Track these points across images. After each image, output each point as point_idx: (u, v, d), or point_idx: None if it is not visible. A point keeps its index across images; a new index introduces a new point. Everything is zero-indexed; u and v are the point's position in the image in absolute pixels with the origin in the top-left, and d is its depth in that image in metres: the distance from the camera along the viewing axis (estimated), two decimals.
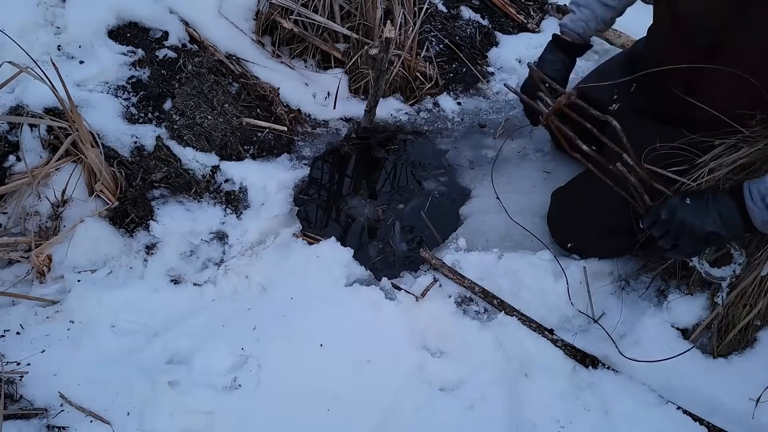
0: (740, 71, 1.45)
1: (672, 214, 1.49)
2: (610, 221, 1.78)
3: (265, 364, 1.56)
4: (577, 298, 1.81)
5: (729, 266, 1.57)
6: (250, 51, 2.35)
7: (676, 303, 1.70)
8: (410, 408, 1.54)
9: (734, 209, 1.42)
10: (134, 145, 1.91)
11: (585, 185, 1.91)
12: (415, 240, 2.08)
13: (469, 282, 1.83)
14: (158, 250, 1.80)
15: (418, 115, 2.47)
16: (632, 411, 1.56)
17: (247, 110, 2.23)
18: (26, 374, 1.45)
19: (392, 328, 1.69)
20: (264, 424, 1.47)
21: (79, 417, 1.41)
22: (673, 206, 1.50)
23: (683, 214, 1.48)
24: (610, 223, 1.79)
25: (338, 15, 2.37)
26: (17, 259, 1.69)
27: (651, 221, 1.55)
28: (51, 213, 1.75)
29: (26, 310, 1.62)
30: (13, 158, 1.74)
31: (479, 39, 2.74)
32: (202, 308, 1.72)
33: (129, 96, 2.00)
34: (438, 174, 2.30)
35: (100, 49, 2.02)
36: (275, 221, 1.98)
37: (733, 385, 1.58)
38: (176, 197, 1.91)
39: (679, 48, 1.61)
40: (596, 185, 1.71)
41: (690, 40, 1.57)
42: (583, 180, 1.95)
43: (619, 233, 1.78)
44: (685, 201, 1.49)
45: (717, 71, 1.51)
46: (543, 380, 1.63)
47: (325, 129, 2.35)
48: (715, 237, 1.46)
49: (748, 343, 1.64)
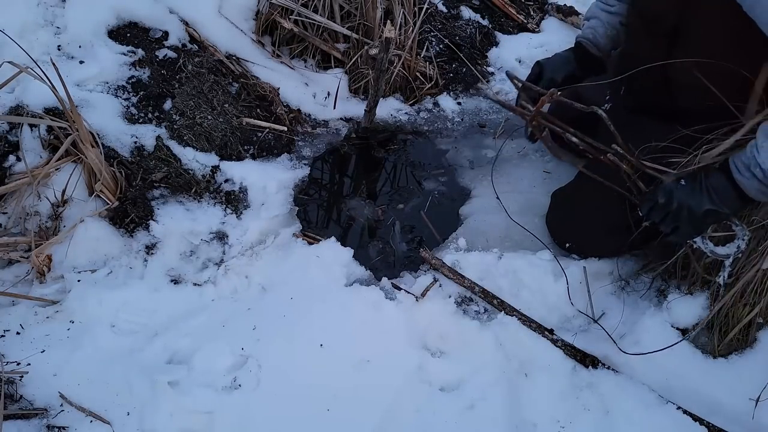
0: (702, 55, 1.48)
1: (668, 196, 1.50)
2: (607, 221, 1.79)
3: (265, 364, 1.56)
4: (577, 298, 1.81)
5: (733, 243, 1.55)
6: (250, 51, 2.35)
7: (676, 303, 1.70)
8: (410, 408, 1.54)
9: (726, 184, 1.45)
10: (134, 145, 1.91)
11: (581, 186, 1.92)
12: (415, 240, 2.08)
13: (469, 282, 1.83)
14: (158, 250, 1.80)
15: (418, 115, 2.47)
16: (632, 411, 1.56)
17: (247, 110, 2.23)
18: (26, 374, 1.45)
19: (392, 328, 1.69)
20: (264, 424, 1.46)
21: (79, 417, 1.41)
22: (668, 189, 1.51)
23: (679, 196, 1.49)
24: (607, 223, 1.79)
25: (338, 15, 2.37)
26: (17, 259, 1.69)
27: (648, 207, 1.55)
28: (51, 213, 1.75)
29: (26, 310, 1.62)
30: (13, 158, 1.74)
31: (479, 39, 2.74)
32: (202, 308, 1.72)
33: (129, 96, 2.00)
34: (438, 174, 2.30)
35: (100, 49, 2.02)
36: (275, 221, 1.98)
37: (733, 385, 1.58)
38: (176, 197, 1.91)
39: (644, 39, 1.66)
40: (592, 185, 1.72)
41: (651, 29, 1.62)
42: (579, 180, 1.95)
43: (617, 233, 1.78)
44: (680, 183, 1.50)
45: (682, 57, 1.53)
46: (543, 380, 1.63)
47: (325, 129, 2.35)
48: (714, 214, 1.48)
49: (748, 343, 1.64)
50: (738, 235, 1.55)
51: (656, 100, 1.71)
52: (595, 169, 1.74)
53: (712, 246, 1.57)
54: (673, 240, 1.59)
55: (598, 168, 1.70)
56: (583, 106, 1.55)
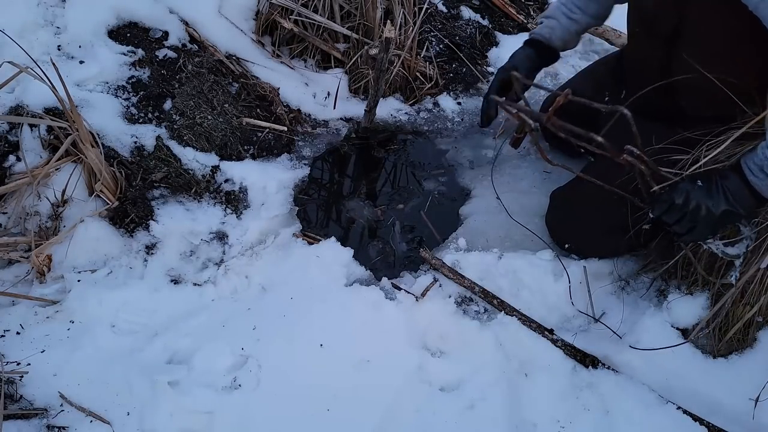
0: (703, 56, 1.48)
1: (686, 198, 1.49)
2: (606, 222, 1.78)
3: (265, 364, 1.56)
4: (577, 298, 1.81)
5: (741, 243, 1.56)
6: (250, 51, 2.35)
7: (676, 303, 1.70)
8: (410, 408, 1.54)
9: (740, 185, 1.46)
10: (134, 145, 1.91)
11: (580, 186, 1.92)
12: (414, 240, 2.08)
13: (469, 282, 1.83)
14: (158, 250, 1.80)
15: (418, 115, 2.47)
16: (632, 411, 1.56)
17: (247, 110, 2.22)
18: (26, 374, 1.45)
19: (392, 328, 1.69)
20: (264, 424, 1.47)
21: (79, 417, 1.41)
22: (685, 190, 1.50)
23: (697, 196, 1.48)
24: (605, 223, 1.79)
25: (338, 15, 2.37)
26: (17, 259, 1.69)
27: (663, 209, 1.53)
28: (51, 213, 1.75)
29: (26, 310, 1.62)
30: (13, 158, 1.74)
31: (479, 39, 2.74)
32: (202, 308, 1.72)
33: (129, 96, 2.00)
34: (438, 174, 2.30)
35: (100, 49, 2.02)
36: (275, 221, 1.98)
37: (733, 385, 1.58)
38: (176, 197, 1.91)
39: (644, 41, 1.66)
40: (590, 185, 1.72)
41: (651, 31, 1.62)
42: (577, 181, 1.95)
43: (615, 233, 1.78)
44: (697, 183, 1.50)
45: (683, 59, 1.53)
46: (543, 380, 1.63)
47: (325, 129, 2.35)
48: (731, 215, 1.48)
49: (748, 343, 1.64)
50: (744, 234, 1.55)
51: (658, 103, 1.71)
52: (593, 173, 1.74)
53: (723, 246, 1.57)
54: (686, 240, 1.58)
55: (595, 170, 1.70)
56: (603, 105, 1.55)
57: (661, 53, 1.61)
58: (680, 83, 1.60)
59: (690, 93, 1.60)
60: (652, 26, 1.62)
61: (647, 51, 1.65)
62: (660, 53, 1.61)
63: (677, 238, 1.58)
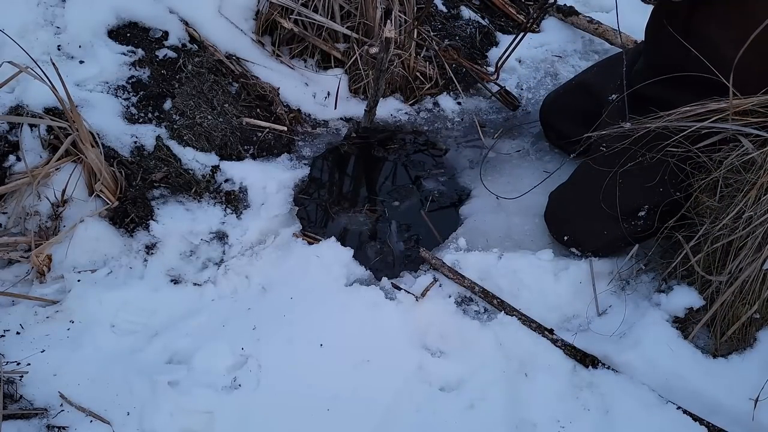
0: (720, 39, 1.50)
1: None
2: (602, 212, 1.79)
3: (265, 364, 1.56)
4: (577, 298, 1.81)
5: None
6: (250, 51, 2.35)
7: (674, 299, 1.72)
8: (410, 408, 1.54)
9: None
10: (134, 145, 1.91)
11: (576, 181, 1.95)
12: (412, 239, 2.08)
13: (469, 282, 1.83)
14: (158, 250, 1.80)
15: (418, 115, 2.47)
16: (632, 411, 1.56)
17: (247, 110, 2.23)
18: (26, 374, 1.45)
19: (392, 328, 1.69)
20: (264, 424, 1.47)
21: (79, 417, 1.41)
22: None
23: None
24: (601, 214, 1.79)
25: (338, 15, 2.37)
26: (17, 259, 1.69)
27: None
28: (51, 213, 1.75)
29: (26, 310, 1.62)
30: (13, 158, 1.75)
31: (479, 39, 2.74)
32: (202, 308, 1.72)
33: (129, 96, 2.00)
34: (438, 174, 2.30)
35: (100, 49, 2.02)
36: (275, 221, 1.98)
37: (733, 385, 1.58)
38: (176, 197, 1.91)
39: (662, 27, 1.66)
40: (586, 180, 1.73)
41: (668, 16, 1.62)
42: (574, 177, 1.98)
43: (611, 223, 1.80)
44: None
45: (699, 40, 1.54)
46: (543, 380, 1.63)
47: (325, 129, 2.35)
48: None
49: (748, 343, 1.64)
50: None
51: (670, 93, 1.71)
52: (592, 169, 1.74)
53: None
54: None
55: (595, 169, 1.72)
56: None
57: (676, 42, 1.59)
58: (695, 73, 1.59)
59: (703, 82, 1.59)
60: (668, 10, 1.63)
61: (662, 35, 1.65)
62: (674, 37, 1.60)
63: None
